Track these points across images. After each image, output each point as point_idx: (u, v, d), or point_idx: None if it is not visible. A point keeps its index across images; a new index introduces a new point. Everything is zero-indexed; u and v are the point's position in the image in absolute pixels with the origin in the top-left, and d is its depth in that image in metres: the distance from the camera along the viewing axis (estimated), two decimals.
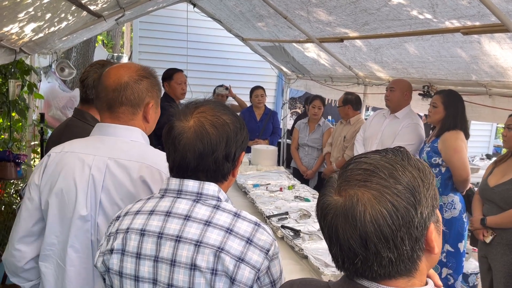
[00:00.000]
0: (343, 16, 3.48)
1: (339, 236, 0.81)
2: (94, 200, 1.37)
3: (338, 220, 0.81)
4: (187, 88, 4.18)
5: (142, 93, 1.44)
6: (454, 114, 3.20)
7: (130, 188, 1.35)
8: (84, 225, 1.37)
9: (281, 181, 3.81)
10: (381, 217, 0.78)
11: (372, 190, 0.80)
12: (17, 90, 3.84)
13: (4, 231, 3.64)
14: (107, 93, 1.42)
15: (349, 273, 0.86)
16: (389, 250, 0.79)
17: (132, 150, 1.40)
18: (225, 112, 1.15)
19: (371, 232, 0.78)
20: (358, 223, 0.79)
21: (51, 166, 1.43)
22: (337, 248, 0.83)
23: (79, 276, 1.39)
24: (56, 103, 4.98)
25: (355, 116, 4.52)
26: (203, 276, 1.02)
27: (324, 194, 0.87)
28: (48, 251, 1.42)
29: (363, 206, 0.79)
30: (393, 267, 0.81)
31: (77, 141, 1.49)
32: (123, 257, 1.10)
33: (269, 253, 1.06)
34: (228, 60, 7.42)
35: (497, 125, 8.99)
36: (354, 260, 0.81)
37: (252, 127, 5.23)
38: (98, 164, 1.37)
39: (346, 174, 0.85)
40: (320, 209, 0.86)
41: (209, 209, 1.09)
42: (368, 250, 0.79)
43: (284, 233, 2.51)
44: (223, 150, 1.11)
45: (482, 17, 2.45)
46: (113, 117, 1.44)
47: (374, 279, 0.83)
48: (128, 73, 1.43)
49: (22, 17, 2.11)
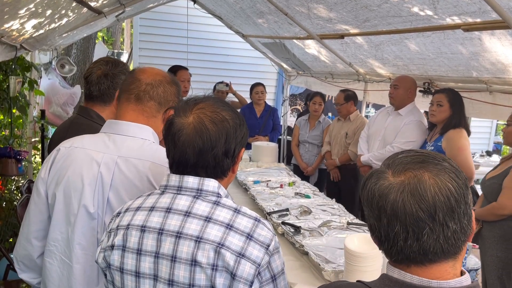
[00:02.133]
0: (344, 13, 3.48)
1: (406, 211, 0.85)
2: (101, 198, 1.36)
3: (404, 195, 0.85)
4: (189, 86, 4.16)
5: (170, 95, 1.49)
6: (459, 112, 3.21)
7: (139, 187, 1.35)
8: (91, 223, 1.37)
9: (282, 178, 3.82)
10: (448, 189, 0.84)
11: (431, 171, 0.86)
12: (18, 86, 3.84)
13: (5, 227, 3.65)
14: (140, 85, 1.44)
15: (404, 255, 0.88)
16: (454, 221, 0.85)
17: (142, 148, 1.40)
18: (224, 108, 1.15)
19: (440, 202, 0.84)
20: (428, 195, 0.84)
21: (59, 161, 1.43)
22: (400, 224, 0.86)
23: (85, 274, 1.39)
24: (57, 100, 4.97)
25: (354, 113, 4.53)
26: (203, 272, 1.03)
27: (377, 179, 0.90)
28: (52, 247, 1.41)
29: (429, 181, 0.85)
30: (455, 241, 0.86)
31: (87, 136, 1.49)
32: (124, 253, 1.10)
33: (269, 248, 1.06)
34: (229, 56, 7.42)
35: (497, 122, 8.98)
36: (421, 233, 0.84)
37: (252, 123, 5.23)
38: (107, 161, 1.37)
39: (397, 163, 0.90)
40: (377, 191, 0.89)
41: (209, 205, 1.10)
42: (435, 221, 0.84)
43: (284, 230, 2.51)
44: (222, 146, 1.11)
45: (483, 13, 2.44)
46: (138, 109, 1.45)
47: (429, 261, 0.87)
48: (162, 74, 1.50)
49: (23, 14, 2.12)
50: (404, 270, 0.90)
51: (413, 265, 0.88)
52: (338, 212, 2.90)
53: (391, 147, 3.64)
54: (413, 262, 0.88)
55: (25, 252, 1.48)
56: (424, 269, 0.88)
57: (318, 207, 2.99)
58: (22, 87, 4.10)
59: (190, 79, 4.18)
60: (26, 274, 1.52)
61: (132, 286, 1.10)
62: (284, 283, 1.11)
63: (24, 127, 4.57)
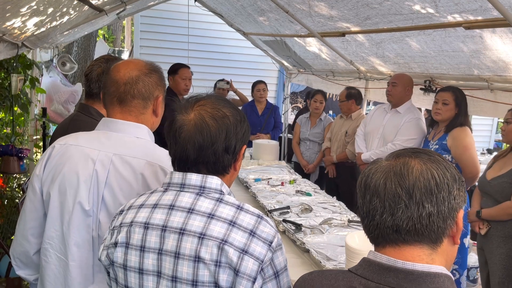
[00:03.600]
0: (345, 11, 3.48)
1: (386, 187, 0.89)
2: (96, 196, 1.36)
3: (388, 174, 0.90)
4: (191, 84, 4.16)
5: (152, 87, 1.46)
6: (464, 111, 3.21)
7: (133, 185, 1.35)
8: (86, 220, 1.37)
9: (283, 176, 3.83)
10: (431, 174, 0.88)
11: (421, 159, 0.91)
12: (19, 84, 3.85)
13: (7, 225, 3.66)
14: (118, 87, 1.42)
15: (379, 231, 0.91)
16: (431, 204, 0.87)
17: (137, 147, 1.40)
18: (225, 105, 1.16)
19: (419, 182, 0.88)
20: (409, 174, 0.89)
21: (54, 158, 1.43)
22: (379, 200, 0.90)
23: (81, 271, 1.39)
24: (58, 98, 4.99)
25: (356, 111, 4.52)
26: (207, 268, 1.03)
27: (371, 165, 0.96)
28: (47, 245, 1.41)
29: (415, 166, 0.90)
30: (429, 223, 0.88)
31: (82, 134, 1.49)
32: (127, 250, 1.11)
33: (272, 245, 1.07)
34: (229, 54, 7.41)
35: (498, 120, 8.98)
36: (396, 207, 0.88)
37: (254, 121, 5.23)
38: (102, 159, 1.37)
39: (394, 153, 0.96)
40: (367, 172, 0.95)
41: (212, 202, 1.10)
42: (412, 198, 0.87)
43: (285, 227, 2.52)
44: (222, 142, 1.12)
45: (484, 11, 2.44)
46: (124, 111, 1.44)
47: (402, 240, 0.89)
48: (137, 67, 1.45)
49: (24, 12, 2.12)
50: (379, 251, 0.93)
51: (387, 245, 0.92)
52: (339, 210, 2.91)
53: (393, 144, 3.64)
54: (387, 241, 0.91)
55: (22, 249, 1.48)
56: (397, 250, 0.90)
57: (319, 204, 3.00)
58: (24, 85, 4.10)
59: (191, 77, 4.18)
60: (23, 271, 1.53)
61: (135, 283, 1.11)
62: (287, 279, 1.11)
63: (25, 125, 4.58)
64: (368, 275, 0.90)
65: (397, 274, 0.87)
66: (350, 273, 0.94)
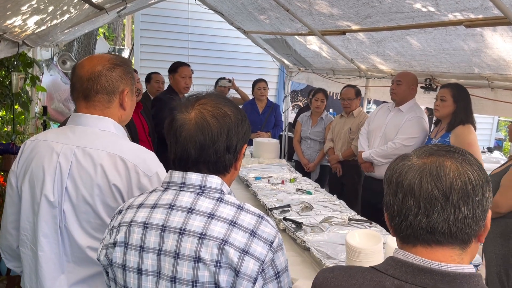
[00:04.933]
0: (345, 9, 3.47)
1: (422, 188, 0.87)
2: (60, 187, 1.40)
3: (423, 174, 0.88)
4: (191, 82, 4.16)
5: (116, 81, 1.47)
6: (464, 107, 3.19)
7: (92, 176, 1.38)
8: (52, 211, 1.41)
9: (283, 174, 3.83)
10: (467, 176, 0.87)
11: (455, 159, 0.89)
12: (20, 83, 3.85)
13: None
14: (82, 83, 1.45)
15: (412, 231, 0.90)
16: (467, 207, 0.86)
17: (99, 139, 1.43)
18: (226, 104, 1.15)
19: (457, 185, 0.86)
20: (445, 176, 0.86)
21: (25, 154, 1.49)
22: (414, 200, 0.88)
23: (50, 261, 1.42)
24: (59, 96, 4.99)
25: (357, 109, 4.53)
26: (207, 269, 1.03)
27: (401, 160, 0.94)
28: (23, 236, 1.47)
29: (450, 166, 0.88)
30: (464, 226, 0.87)
31: (51, 130, 1.55)
32: (126, 250, 1.10)
33: (273, 245, 1.06)
34: (230, 53, 7.41)
35: (498, 118, 8.97)
36: (432, 209, 0.86)
37: (254, 120, 5.23)
38: (65, 152, 1.41)
39: (423, 150, 0.94)
40: (398, 169, 0.92)
41: (212, 201, 1.10)
42: (448, 201, 0.86)
43: (286, 226, 2.52)
44: (224, 142, 1.11)
45: (485, 10, 2.44)
46: (89, 106, 1.47)
47: (436, 241, 0.88)
48: (101, 62, 1.47)
49: (25, 10, 2.12)
50: (409, 250, 0.91)
51: (419, 244, 0.90)
52: (339, 208, 2.91)
53: (393, 143, 3.64)
54: (419, 241, 0.90)
55: (7, 243, 1.55)
56: (429, 250, 0.89)
57: (319, 203, 3.00)
58: (24, 83, 4.11)
59: (191, 75, 4.18)
60: (11, 264, 1.60)
61: (134, 283, 1.10)
62: (288, 280, 1.11)
63: (26, 123, 4.59)
64: (400, 275, 0.89)
65: (433, 275, 0.87)
66: (378, 272, 0.93)
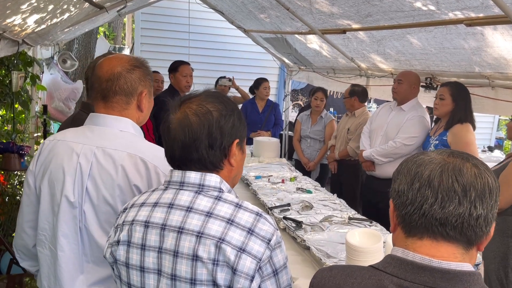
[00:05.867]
0: (346, 8, 3.47)
1: (442, 180, 0.88)
2: (80, 188, 1.41)
3: (444, 168, 0.89)
4: (192, 81, 4.17)
5: (135, 82, 1.47)
6: (463, 106, 3.18)
7: (114, 176, 1.39)
8: (72, 211, 1.41)
9: (283, 173, 3.82)
10: (486, 179, 0.88)
11: (473, 163, 0.91)
12: (20, 81, 3.85)
13: (8, 222, 3.67)
14: (101, 83, 1.45)
15: (424, 220, 0.89)
16: (482, 206, 0.87)
17: (119, 139, 1.44)
18: (212, 101, 1.14)
19: (476, 184, 0.87)
20: (467, 173, 0.88)
21: (44, 154, 1.49)
22: (431, 190, 0.88)
23: (69, 261, 1.43)
24: (59, 95, 4.99)
25: (360, 109, 4.52)
26: (205, 267, 1.04)
27: (419, 155, 0.95)
28: (41, 236, 1.48)
29: (471, 168, 0.89)
30: (476, 225, 0.88)
31: (69, 130, 1.54)
32: (129, 249, 1.12)
33: (270, 243, 1.06)
34: (230, 51, 7.40)
35: (499, 117, 8.96)
36: (450, 202, 0.87)
37: (255, 119, 5.24)
38: (86, 152, 1.42)
39: (443, 151, 0.95)
40: (417, 161, 0.93)
41: (210, 200, 1.10)
42: (466, 196, 0.87)
43: (286, 225, 2.52)
44: (205, 138, 1.11)
45: (486, 8, 2.43)
46: (107, 107, 1.47)
47: (445, 235, 0.89)
48: (120, 63, 1.46)
49: (25, 9, 2.12)
50: (413, 243, 0.91)
51: (426, 236, 0.90)
52: (340, 207, 2.91)
53: (394, 142, 3.64)
54: (428, 232, 0.90)
55: (22, 242, 1.56)
56: (435, 244, 0.89)
57: (319, 202, 3.00)
58: (25, 82, 4.11)
59: (192, 74, 4.18)
60: (26, 263, 1.61)
61: (137, 281, 1.12)
62: (287, 277, 1.11)
63: (26, 122, 4.59)
64: (399, 273, 0.89)
65: (432, 273, 0.87)
66: (377, 270, 0.92)
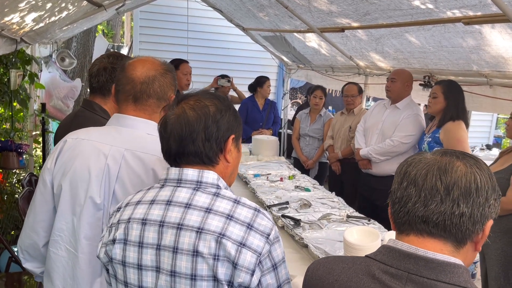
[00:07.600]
0: (344, 6, 3.47)
1: (426, 179, 0.90)
2: (108, 190, 1.39)
3: (431, 168, 0.91)
4: (191, 79, 4.19)
5: (167, 87, 1.48)
6: (455, 104, 3.20)
7: (144, 180, 1.37)
8: (97, 213, 1.39)
9: (282, 171, 3.83)
10: (473, 177, 0.89)
11: (467, 161, 0.92)
12: (18, 80, 3.85)
13: (6, 220, 3.67)
14: (134, 85, 1.44)
15: (408, 217, 0.92)
16: (466, 205, 0.88)
17: (148, 143, 1.42)
18: (209, 97, 1.17)
19: (460, 182, 0.88)
20: (452, 172, 0.89)
21: (66, 152, 1.45)
22: (415, 188, 0.91)
23: (89, 264, 1.41)
24: (57, 93, 4.98)
25: (358, 106, 4.52)
26: (205, 262, 1.04)
27: (415, 155, 0.97)
28: (57, 237, 1.44)
29: (460, 166, 0.90)
30: (459, 223, 0.89)
31: (93, 129, 1.51)
32: (125, 247, 1.12)
33: (269, 237, 1.08)
34: (229, 50, 7.39)
35: (497, 116, 8.97)
36: (432, 199, 0.89)
37: (256, 117, 5.25)
38: (114, 154, 1.40)
39: (441, 150, 0.96)
40: (409, 161, 0.96)
41: (209, 196, 1.11)
42: (449, 195, 0.88)
43: (284, 223, 2.53)
44: (202, 131, 1.12)
45: (484, 7, 2.44)
46: (138, 109, 1.46)
47: (428, 232, 0.90)
48: (154, 67, 1.47)
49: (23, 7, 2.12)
50: (402, 239, 0.94)
51: (412, 233, 0.93)
52: (338, 205, 2.91)
53: (391, 140, 3.65)
54: (413, 229, 0.92)
55: (30, 241, 1.51)
56: (421, 240, 0.92)
57: (317, 200, 3.01)
58: (23, 81, 4.10)
59: (191, 72, 4.19)
60: (30, 264, 1.55)
61: (134, 279, 1.12)
62: (285, 271, 1.13)
63: (24, 120, 4.58)
64: (387, 260, 0.92)
65: (417, 261, 0.89)
66: (369, 258, 0.96)
